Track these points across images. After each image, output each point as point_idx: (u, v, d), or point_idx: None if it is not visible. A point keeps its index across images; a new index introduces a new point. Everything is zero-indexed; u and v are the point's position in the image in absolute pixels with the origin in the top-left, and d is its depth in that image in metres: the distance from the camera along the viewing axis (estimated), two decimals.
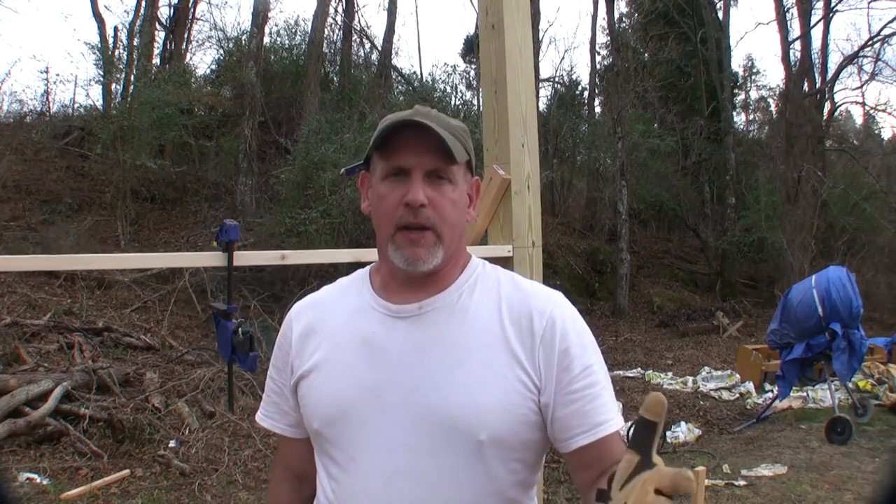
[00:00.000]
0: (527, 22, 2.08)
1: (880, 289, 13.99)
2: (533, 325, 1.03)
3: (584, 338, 1.05)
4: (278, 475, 1.25)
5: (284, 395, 1.16)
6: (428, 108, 1.07)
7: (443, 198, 1.03)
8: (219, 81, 14.29)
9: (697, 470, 3.44)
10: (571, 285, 13.24)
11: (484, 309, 1.06)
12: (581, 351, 1.03)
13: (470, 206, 1.11)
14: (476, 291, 1.08)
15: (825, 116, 17.57)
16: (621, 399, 7.40)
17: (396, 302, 1.07)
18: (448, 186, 1.03)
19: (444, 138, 1.00)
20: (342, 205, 9.26)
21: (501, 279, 1.11)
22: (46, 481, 4.59)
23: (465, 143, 1.06)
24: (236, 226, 1.88)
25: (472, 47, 17.80)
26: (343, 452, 1.04)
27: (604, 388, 1.03)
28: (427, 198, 1.01)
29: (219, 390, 6.22)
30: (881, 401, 7.10)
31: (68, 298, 8.05)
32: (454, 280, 1.09)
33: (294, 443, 1.19)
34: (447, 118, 1.07)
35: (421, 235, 1.02)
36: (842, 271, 6.27)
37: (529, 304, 1.05)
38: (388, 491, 1.00)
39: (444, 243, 1.03)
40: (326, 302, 1.16)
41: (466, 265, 1.12)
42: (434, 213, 1.02)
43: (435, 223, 1.02)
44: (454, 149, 1.00)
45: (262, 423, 1.21)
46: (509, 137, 2.03)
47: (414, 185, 1.01)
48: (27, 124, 12.61)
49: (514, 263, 1.99)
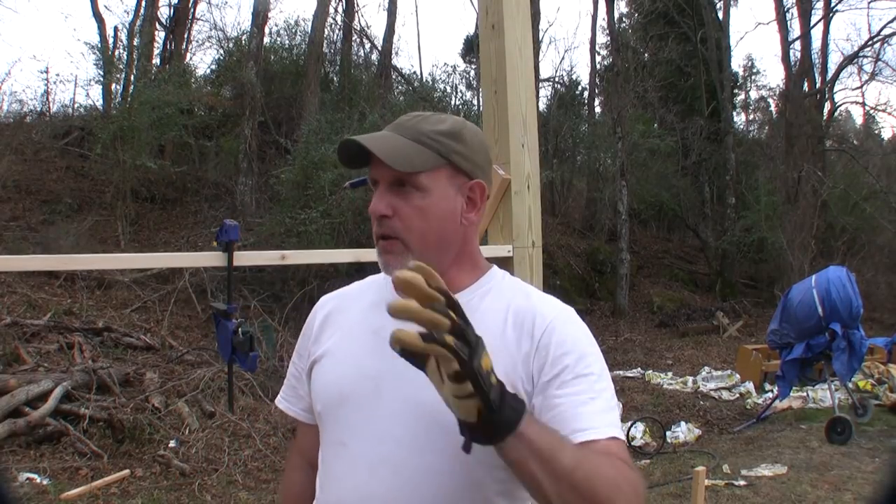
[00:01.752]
0: (527, 22, 2.08)
1: (880, 289, 13.99)
2: (533, 330, 1.03)
3: (584, 348, 1.03)
4: (293, 461, 1.30)
5: (302, 380, 1.20)
6: (418, 114, 1.10)
7: (408, 207, 1.04)
8: (219, 81, 14.29)
9: (697, 470, 3.41)
10: (571, 285, 13.24)
11: (490, 314, 1.06)
12: (576, 360, 1.00)
13: (471, 212, 1.10)
14: (487, 298, 1.09)
15: (825, 116, 17.58)
16: (621, 399, 7.40)
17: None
18: (415, 195, 1.04)
19: (383, 150, 1.01)
20: (342, 205, 9.26)
21: (516, 289, 1.11)
22: (46, 481, 4.60)
23: (441, 147, 1.05)
24: (236, 226, 1.88)
25: (472, 47, 17.79)
26: (337, 436, 1.07)
27: (595, 399, 0.99)
28: (392, 207, 1.04)
29: (219, 390, 6.22)
30: (881, 401, 7.11)
31: (68, 298, 8.05)
32: (467, 285, 1.10)
33: (308, 428, 1.21)
34: (432, 122, 1.07)
35: (389, 243, 1.05)
36: (842, 271, 6.27)
37: (534, 311, 1.05)
38: (371, 480, 1.01)
39: (412, 251, 1.04)
40: (350, 295, 1.21)
41: (484, 273, 1.13)
42: (399, 222, 1.04)
43: (398, 232, 1.04)
44: (403, 160, 1.02)
45: (279, 405, 1.26)
46: (509, 137, 2.03)
47: (376, 197, 1.05)
48: (27, 124, 12.60)
49: (514, 263, 1.99)
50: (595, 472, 0.87)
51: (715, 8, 17.95)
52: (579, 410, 0.97)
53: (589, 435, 0.95)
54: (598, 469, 0.88)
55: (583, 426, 0.96)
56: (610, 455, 0.94)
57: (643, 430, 6.36)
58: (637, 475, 0.95)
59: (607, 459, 0.92)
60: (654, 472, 5.46)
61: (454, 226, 1.08)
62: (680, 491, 4.83)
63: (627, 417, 6.77)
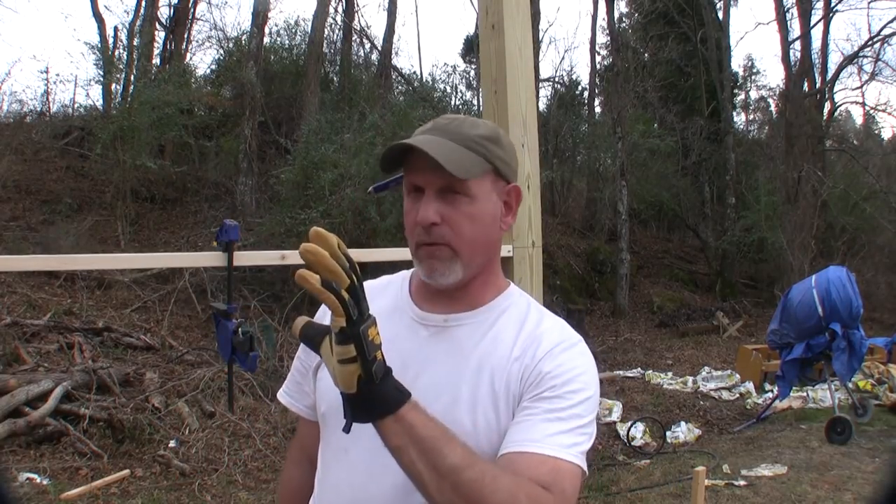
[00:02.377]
0: (527, 22, 2.08)
1: (880, 289, 13.99)
2: (535, 353, 1.02)
3: (576, 376, 1.00)
4: (293, 456, 1.28)
5: (307, 377, 1.18)
6: (455, 117, 1.07)
7: (457, 213, 1.02)
8: (219, 81, 14.29)
9: (697, 470, 3.40)
10: (571, 285, 13.24)
11: (503, 335, 1.06)
12: (562, 383, 0.98)
13: (508, 216, 1.10)
14: (502, 318, 1.08)
15: (825, 116, 17.58)
16: (621, 399, 7.41)
17: (426, 310, 1.09)
18: (464, 201, 1.02)
19: (442, 156, 0.97)
20: (342, 205, 9.25)
21: (531, 311, 1.10)
22: (46, 481, 4.59)
23: (487, 153, 1.04)
24: (236, 226, 1.88)
25: (472, 47, 17.80)
26: (339, 440, 1.06)
27: (560, 420, 0.94)
28: (441, 215, 1.01)
29: (219, 390, 6.22)
30: (881, 401, 7.10)
31: (68, 298, 8.05)
32: (486, 302, 1.09)
33: (310, 425, 1.20)
34: (473, 126, 1.05)
35: (437, 248, 1.03)
36: (842, 271, 6.27)
37: (542, 336, 1.05)
38: (369, 486, 1.01)
39: (461, 258, 1.03)
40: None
41: (502, 292, 1.12)
42: (449, 229, 1.02)
43: (450, 240, 1.02)
44: (458, 165, 0.99)
45: (281, 399, 1.24)
46: (509, 137, 2.03)
47: (423, 205, 1.01)
48: (27, 124, 12.60)
49: (514, 263, 1.99)
50: (490, 479, 0.84)
51: (715, 8, 17.96)
52: (534, 426, 0.94)
53: (525, 447, 0.92)
54: (495, 478, 0.85)
55: (524, 438, 0.93)
56: (532, 471, 0.89)
57: (643, 430, 6.37)
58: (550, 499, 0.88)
59: (513, 474, 0.87)
60: (654, 472, 5.46)
61: (496, 231, 1.09)
62: (680, 491, 4.83)
63: (627, 417, 6.78)
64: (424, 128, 1.07)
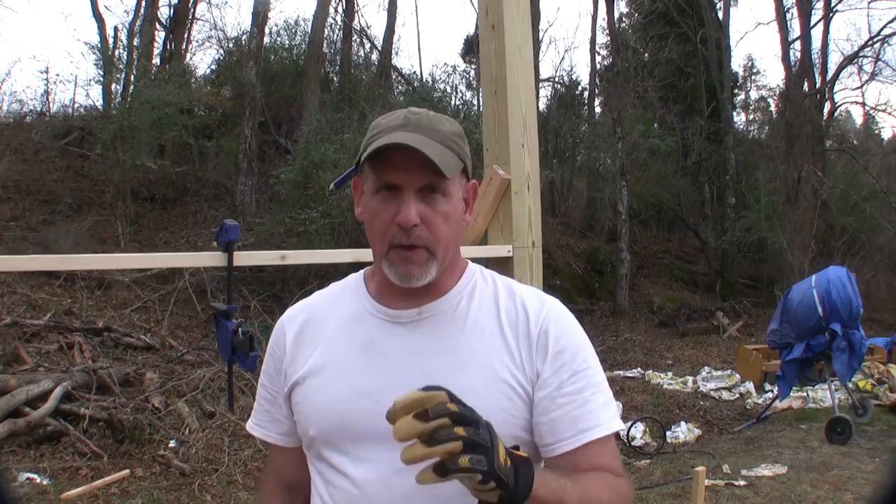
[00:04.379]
0: (527, 22, 2.08)
1: (880, 289, 13.99)
2: (529, 330, 1.04)
3: (578, 342, 1.05)
4: (269, 488, 1.23)
5: (277, 403, 1.14)
6: (421, 112, 1.04)
7: (435, 213, 1.00)
8: (219, 81, 14.29)
9: (697, 470, 3.40)
10: (571, 285, 13.24)
11: (483, 315, 1.06)
12: (573, 356, 1.03)
13: (466, 211, 1.10)
14: (475, 298, 1.08)
15: (825, 116, 17.58)
16: (621, 399, 7.41)
17: (395, 307, 1.07)
18: (441, 200, 1.01)
19: (435, 156, 0.96)
20: (342, 205, 9.25)
21: (498, 286, 1.11)
22: (46, 481, 4.60)
23: (460, 150, 1.03)
24: (236, 226, 1.88)
25: (472, 47, 17.78)
26: (342, 457, 1.03)
27: (596, 392, 1.03)
28: (419, 214, 0.98)
29: (219, 390, 6.22)
30: (881, 401, 7.10)
31: (68, 298, 8.06)
32: (452, 286, 1.09)
33: (287, 452, 1.17)
34: (441, 122, 1.03)
35: (414, 253, 1.00)
36: (842, 271, 6.27)
37: (525, 309, 1.06)
38: (387, 494, 0.99)
39: (437, 258, 1.02)
40: (321, 307, 1.14)
41: (464, 271, 1.12)
42: (426, 230, 1.00)
43: (427, 241, 1.00)
44: (445, 164, 0.97)
45: (253, 432, 1.19)
46: (509, 137, 2.03)
47: (405, 206, 0.98)
48: (27, 124, 12.58)
49: (514, 263, 1.99)
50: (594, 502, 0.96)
51: (715, 8, 17.95)
52: (585, 410, 1.02)
53: (596, 433, 1.01)
54: (598, 498, 0.97)
55: (589, 425, 1.01)
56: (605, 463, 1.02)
57: (643, 430, 6.37)
58: (626, 483, 1.04)
59: (600, 480, 0.99)
60: (654, 472, 5.46)
61: (461, 228, 1.09)
62: (680, 491, 4.83)
63: (627, 417, 6.77)
64: (397, 122, 1.02)
